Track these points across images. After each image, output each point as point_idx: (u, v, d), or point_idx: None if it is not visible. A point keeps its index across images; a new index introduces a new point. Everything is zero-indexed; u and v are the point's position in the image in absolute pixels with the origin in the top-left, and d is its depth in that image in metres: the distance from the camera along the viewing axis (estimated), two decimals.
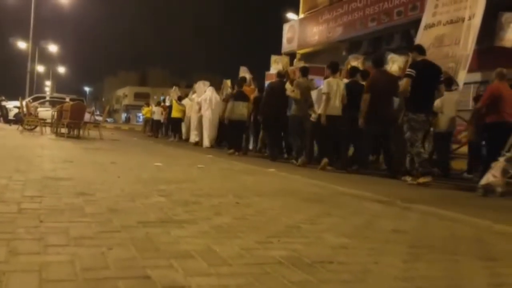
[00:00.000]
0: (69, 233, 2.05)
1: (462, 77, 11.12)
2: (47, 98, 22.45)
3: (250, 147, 11.35)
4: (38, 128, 13.15)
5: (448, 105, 7.45)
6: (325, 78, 8.13)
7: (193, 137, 13.53)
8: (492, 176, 5.23)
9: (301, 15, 22.35)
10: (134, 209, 2.77)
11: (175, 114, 15.87)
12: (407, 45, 14.28)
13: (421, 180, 5.78)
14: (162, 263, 1.72)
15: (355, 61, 10.53)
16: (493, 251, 2.42)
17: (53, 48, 42.59)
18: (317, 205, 3.51)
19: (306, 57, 21.35)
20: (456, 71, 11.34)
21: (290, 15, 22.88)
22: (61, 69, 58.87)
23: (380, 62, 7.44)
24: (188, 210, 2.84)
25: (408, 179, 6.03)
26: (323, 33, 19.35)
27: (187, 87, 17.05)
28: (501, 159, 5.26)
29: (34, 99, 20.49)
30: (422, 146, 6.23)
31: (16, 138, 9.81)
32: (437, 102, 7.03)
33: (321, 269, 1.81)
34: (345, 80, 8.09)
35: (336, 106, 7.32)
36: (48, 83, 63.04)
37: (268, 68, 15.94)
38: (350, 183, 5.26)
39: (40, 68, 50.13)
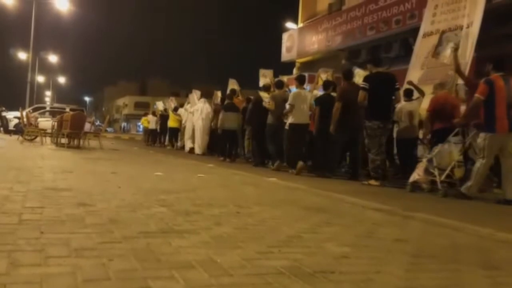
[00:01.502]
0: (70, 244, 2.05)
1: (461, 84, 11.14)
2: (47, 108, 22.48)
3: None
4: (38, 139, 13.16)
5: (405, 114, 7.97)
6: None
7: (188, 145, 14.25)
8: (417, 174, 6.04)
9: (300, 24, 22.47)
10: (135, 219, 2.76)
11: (172, 123, 16.61)
12: (406, 54, 14.37)
13: (371, 182, 6.51)
14: (163, 274, 1.72)
15: (324, 74, 11.33)
16: (495, 260, 2.42)
17: (53, 58, 42.74)
18: (318, 214, 3.50)
19: (305, 66, 21.43)
20: (455, 78, 11.37)
21: (289, 25, 23.00)
22: (61, 79, 59.08)
23: (349, 75, 8.09)
24: (189, 220, 2.83)
25: (373, 182, 6.56)
26: (322, 42, 19.43)
27: (187, 96, 17.26)
28: (424, 160, 6.10)
29: (34, 110, 20.52)
30: (383, 152, 6.75)
31: (16, 149, 9.82)
32: (396, 111, 7.76)
33: (322, 279, 1.81)
34: (316, 92, 9.14)
35: (304, 115, 8.10)
36: (48, 93, 63.25)
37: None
38: (351, 191, 5.25)
39: (40, 79, 50.31)
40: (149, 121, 20.40)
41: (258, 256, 2.09)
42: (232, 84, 13.78)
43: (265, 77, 15.11)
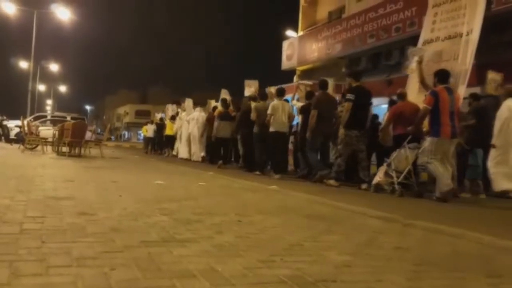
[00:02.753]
0: (72, 253, 2.05)
1: (461, 92, 11.17)
2: (48, 117, 22.54)
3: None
4: (39, 147, 13.18)
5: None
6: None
7: (182, 153, 14.91)
8: (379, 177, 6.70)
9: (300, 32, 22.57)
10: (137, 228, 2.76)
11: (169, 132, 17.11)
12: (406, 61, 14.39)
13: (331, 182, 7.27)
14: (164, 284, 1.72)
15: (303, 86, 12.50)
16: (497, 267, 2.41)
17: (54, 67, 42.86)
18: (319, 222, 3.50)
19: (306, 73, 21.49)
20: (455, 86, 11.39)
21: (290, 33, 23.09)
22: (62, 88, 59.18)
23: (324, 85, 8.66)
24: (190, 229, 2.83)
25: (333, 182, 7.27)
26: (322, 50, 19.51)
27: (181, 104, 17.55)
28: (385, 164, 6.76)
29: (36, 118, 20.57)
30: (364, 159, 7.39)
31: (17, 158, 9.83)
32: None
33: None
34: (295, 102, 10.49)
35: (283, 123, 8.95)
36: (49, 102, 63.36)
37: (266, 85, 16.42)
38: (351, 199, 5.25)
39: (41, 87, 50.44)
40: (147, 130, 20.86)
41: (260, 264, 2.08)
42: (224, 94, 14.41)
43: (250, 87, 16.01)
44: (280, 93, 9.48)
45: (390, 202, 5.64)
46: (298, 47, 21.28)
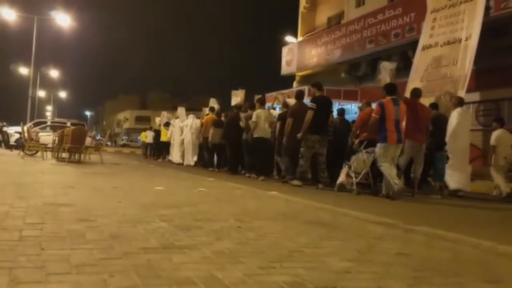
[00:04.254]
0: (71, 260, 2.04)
1: (461, 96, 11.18)
2: (48, 123, 22.54)
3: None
4: (39, 153, 13.17)
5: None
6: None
7: (176, 158, 15.83)
8: (341, 178, 7.52)
9: (300, 38, 22.63)
10: (136, 235, 2.76)
11: (163, 138, 18.05)
12: (405, 66, 14.45)
13: (295, 182, 8.15)
14: None
15: (281, 96, 13.60)
16: (497, 273, 2.40)
17: (54, 73, 42.97)
18: (320, 228, 3.49)
19: (305, 79, 21.52)
20: (455, 91, 11.41)
21: (289, 38, 23.15)
22: (62, 94, 59.30)
23: (301, 96, 9.64)
24: (190, 235, 2.83)
25: (297, 182, 8.16)
26: (321, 55, 19.55)
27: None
28: (346, 166, 7.65)
29: (35, 124, 20.57)
30: (321, 162, 8.25)
31: (17, 164, 9.82)
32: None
33: None
34: (272, 111, 11.55)
35: (265, 130, 9.93)
36: (49, 108, 63.44)
37: (267, 90, 16.79)
38: (352, 204, 5.24)
39: (41, 93, 50.55)
40: (147, 136, 21.46)
41: (260, 271, 2.08)
42: (212, 103, 15.43)
43: (236, 97, 17.32)
44: (262, 102, 10.51)
45: (391, 207, 5.63)
46: (297, 53, 21.33)
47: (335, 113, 9.97)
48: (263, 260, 2.28)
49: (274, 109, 12.92)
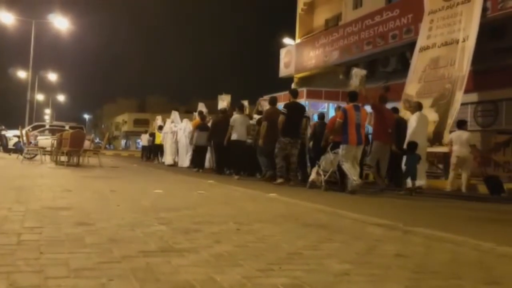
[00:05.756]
0: (69, 264, 2.04)
1: (458, 97, 11.22)
2: (47, 127, 22.52)
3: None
4: (38, 157, 13.15)
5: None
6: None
7: (169, 160, 16.91)
8: (312, 176, 8.48)
9: (298, 40, 22.66)
10: (135, 238, 2.75)
11: (157, 141, 19.16)
12: (403, 68, 14.47)
13: (278, 180, 9.07)
14: None
15: (265, 102, 13.95)
16: (496, 274, 2.40)
17: (52, 76, 42.95)
18: (319, 230, 3.49)
19: (303, 81, 21.54)
20: (452, 91, 11.43)
21: (287, 40, 23.17)
22: (61, 97, 59.26)
23: (274, 102, 10.70)
24: (189, 238, 2.82)
25: (279, 180, 9.08)
26: (319, 57, 19.57)
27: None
28: (317, 165, 8.49)
29: (34, 128, 20.56)
30: (294, 162, 9.34)
31: (15, 168, 9.81)
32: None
33: None
34: (254, 115, 12.47)
35: (242, 133, 10.87)
36: (47, 111, 63.38)
37: (266, 93, 16.81)
38: (351, 206, 5.24)
39: (40, 97, 50.47)
40: (142, 139, 23.17)
41: (259, 274, 2.07)
42: (200, 107, 16.43)
43: (223, 101, 18.36)
44: (239, 108, 11.66)
45: (390, 209, 5.63)
46: (295, 55, 21.35)
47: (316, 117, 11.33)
48: (262, 263, 2.28)
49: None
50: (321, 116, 11.15)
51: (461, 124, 10.09)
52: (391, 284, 2.04)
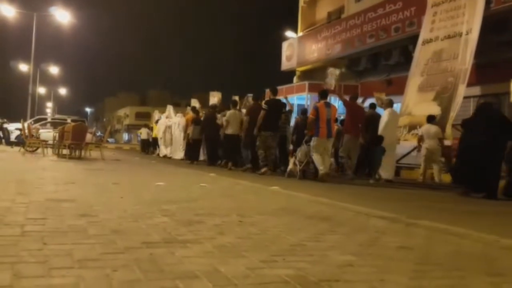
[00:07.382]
0: (73, 255, 2.04)
1: (461, 91, 11.18)
2: (49, 120, 22.54)
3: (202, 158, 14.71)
4: (40, 150, 13.17)
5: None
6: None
7: (163, 152, 18.03)
8: (290, 166, 9.41)
9: (300, 33, 22.55)
10: (138, 229, 2.76)
11: (154, 134, 20.22)
12: (406, 61, 14.40)
13: (263, 170, 9.74)
14: (167, 285, 1.71)
15: (250, 98, 14.28)
16: (499, 267, 2.40)
17: (54, 70, 42.89)
18: (321, 222, 3.49)
19: (305, 74, 21.48)
20: (455, 85, 11.38)
21: (289, 33, 23.07)
22: (62, 91, 59.31)
23: (257, 98, 11.69)
24: (192, 230, 2.82)
25: (264, 170, 9.76)
26: (322, 50, 19.50)
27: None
28: (294, 156, 9.36)
29: (36, 121, 20.58)
30: (272, 153, 10.43)
31: (18, 160, 9.83)
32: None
33: (327, 287, 1.80)
34: (243, 110, 12.56)
35: (236, 128, 11.39)
36: (49, 104, 63.40)
37: (266, 86, 16.87)
38: (353, 198, 5.25)
39: (42, 90, 50.49)
40: (142, 132, 23.77)
41: (262, 265, 2.08)
42: (194, 103, 17.49)
43: (214, 97, 19.13)
44: (233, 104, 12.16)
45: (393, 202, 5.63)
46: (297, 48, 21.27)
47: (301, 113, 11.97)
48: (265, 254, 2.28)
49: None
50: (304, 111, 11.88)
51: (430, 119, 10.35)
52: (395, 275, 2.04)
